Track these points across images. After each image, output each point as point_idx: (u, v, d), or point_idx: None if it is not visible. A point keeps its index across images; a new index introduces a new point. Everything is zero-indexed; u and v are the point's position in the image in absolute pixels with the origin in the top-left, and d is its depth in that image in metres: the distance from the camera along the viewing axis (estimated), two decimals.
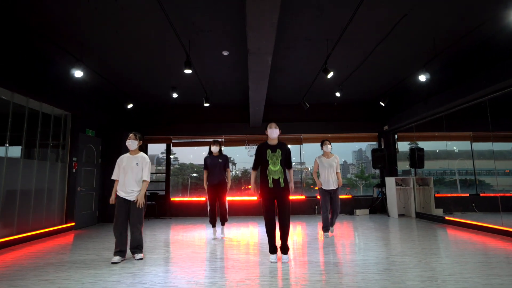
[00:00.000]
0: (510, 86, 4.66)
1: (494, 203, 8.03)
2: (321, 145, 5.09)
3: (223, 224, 5.14)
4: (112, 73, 6.08)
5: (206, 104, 6.53)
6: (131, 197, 3.64)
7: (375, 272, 3.04)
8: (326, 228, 5.02)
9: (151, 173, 8.86)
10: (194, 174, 10.45)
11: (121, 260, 3.58)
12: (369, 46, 4.93)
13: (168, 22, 3.87)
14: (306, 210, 8.32)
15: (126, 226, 3.66)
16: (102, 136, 7.24)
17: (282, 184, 3.50)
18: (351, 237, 4.94)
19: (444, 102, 5.89)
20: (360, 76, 6.31)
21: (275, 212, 3.55)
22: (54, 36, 4.59)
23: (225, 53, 5.21)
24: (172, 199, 8.45)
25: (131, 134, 3.76)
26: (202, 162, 5.27)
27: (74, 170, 6.12)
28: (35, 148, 5.29)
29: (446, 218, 6.26)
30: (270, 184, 3.48)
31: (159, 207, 8.16)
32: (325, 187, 4.96)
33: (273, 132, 3.58)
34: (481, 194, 8.43)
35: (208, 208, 4.99)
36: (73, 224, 6.00)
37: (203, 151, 11.43)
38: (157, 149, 8.88)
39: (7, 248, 4.40)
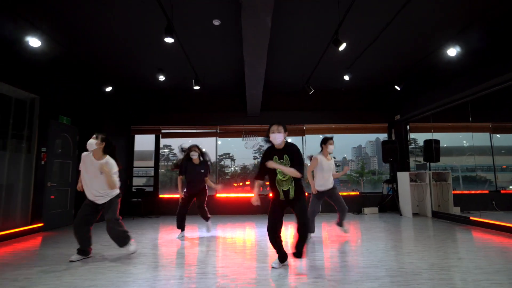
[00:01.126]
0: None
1: None
2: (324, 143, 4.23)
3: (207, 220, 4.78)
4: (88, 50, 5.22)
5: (196, 87, 5.67)
6: (100, 200, 3.39)
7: None
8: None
9: (146, 167, 8.10)
10: None
11: (81, 259, 3.33)
12: (390, 11, 4.05)
13: None
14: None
15: (89, 227, 3.40)
16: (80, 124, 6.40)
17: (292, 195, 2.88)
18: (363, 241, 4.13)
19: (474, 83, 5.02)
20: (374, 54, 5.45)
21: (281, 220, 2.98)
22: (13, 5, 3.74)
23: (216, 22, 4.35)
24: (160, 196, 7.64)
25: (93, 135, 3.41)
26: None
27: (42, 163, 5.29)
28: None
29: (471, 218, 5.45)
30: (281, 196, 2.90)
31: (146, 204, 7.34)
32: (322, 189, 4.19)
33: (276, 138, 2.89)
34: (502, 191, 7.65)
35: (178, 212, 4.50)
36: (42, 224, 5.18)
37: (199, 144, 10.62)
38: (152, 143, 8.08)
39: None
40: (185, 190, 4.52)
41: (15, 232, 4.63)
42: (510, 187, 8.00)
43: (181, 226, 4.54)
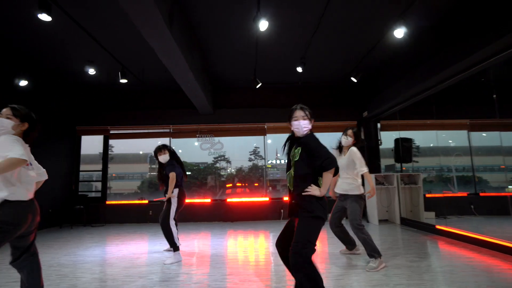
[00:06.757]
0: None
1: (498, 205, 6.56)
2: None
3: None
4: None
5: (123, 81, 5.03)
6: None
7: None
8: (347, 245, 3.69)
9: (93, 171, 7.42)
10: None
11: None
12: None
13: None
14: (269, 214, 6.86)
15: None
16: None
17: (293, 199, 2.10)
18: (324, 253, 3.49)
19: (433, 71, 4.40)
20: (324, 46, 4.84)
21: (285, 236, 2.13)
22: None
23: None
24: (108, 202, 6.97)
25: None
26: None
27: None
28: None
29: (437, 227, 4.82)
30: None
31: (90, 212, 6.67)
32: (336, 190, 3.46)
33: (301, 126, 2.19)
34: (481, 194, 7.00)
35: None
36: None
37: (157, 143, 9.81)
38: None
39: None
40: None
41: None
42: (510, 186, 7.28)
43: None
